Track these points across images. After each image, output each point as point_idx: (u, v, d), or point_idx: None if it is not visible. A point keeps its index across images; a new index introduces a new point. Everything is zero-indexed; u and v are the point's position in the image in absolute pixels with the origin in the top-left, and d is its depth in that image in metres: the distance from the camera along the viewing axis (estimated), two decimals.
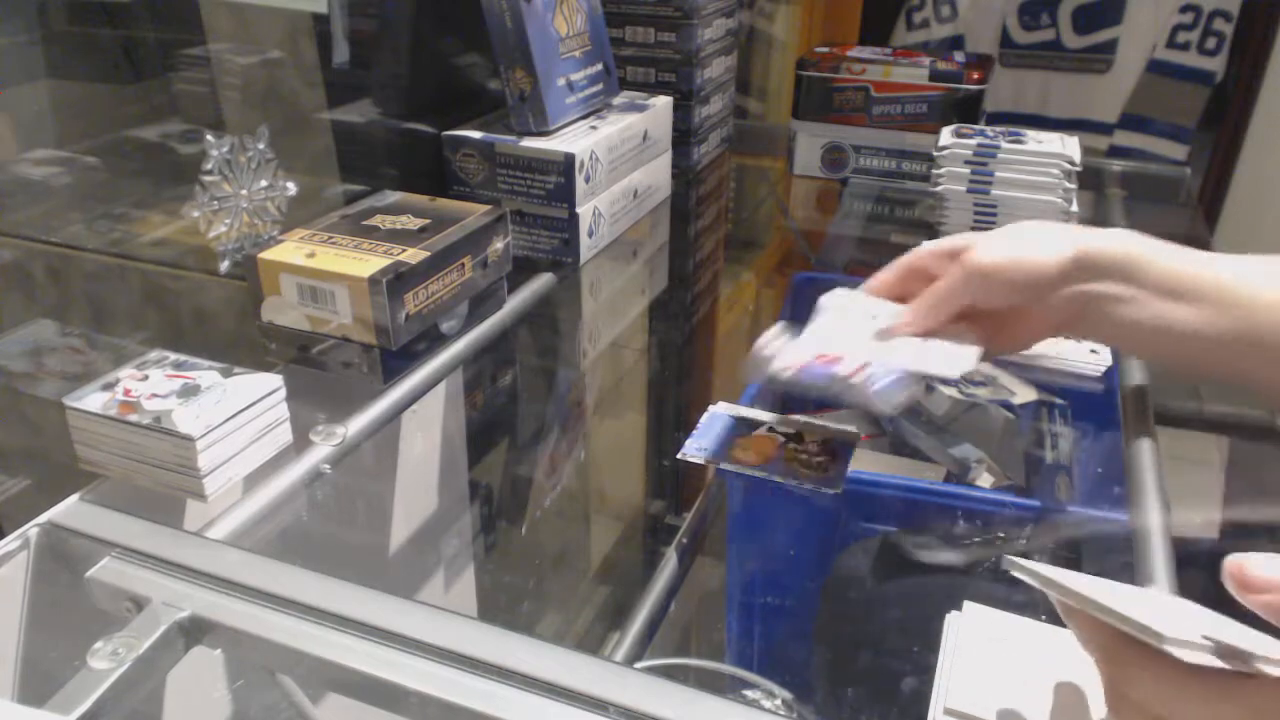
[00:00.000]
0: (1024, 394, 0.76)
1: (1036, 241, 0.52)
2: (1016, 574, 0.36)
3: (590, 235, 0.87)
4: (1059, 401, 0.77)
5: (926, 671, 0.39)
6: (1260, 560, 0.31)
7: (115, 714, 0.39)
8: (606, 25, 0.95)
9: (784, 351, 0.53)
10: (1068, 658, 0.39)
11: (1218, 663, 0.30)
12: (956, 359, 0.51)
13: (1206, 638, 0.30)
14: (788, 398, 0.89)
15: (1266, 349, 0.48)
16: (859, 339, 0.53)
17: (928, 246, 0.55)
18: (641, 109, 0.95)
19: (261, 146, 0.68)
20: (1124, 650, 0.33)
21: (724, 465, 0.56)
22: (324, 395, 0.64)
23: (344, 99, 0.80)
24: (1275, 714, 0.30)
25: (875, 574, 0.59)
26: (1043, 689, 0.38)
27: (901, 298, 0.55)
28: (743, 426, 0.59)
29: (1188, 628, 0.31)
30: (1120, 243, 0.51)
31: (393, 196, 0.74)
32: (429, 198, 0.74)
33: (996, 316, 0.54)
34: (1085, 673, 0.39)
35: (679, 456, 0.57)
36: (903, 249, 0.56)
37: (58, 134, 0.62)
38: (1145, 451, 0.58)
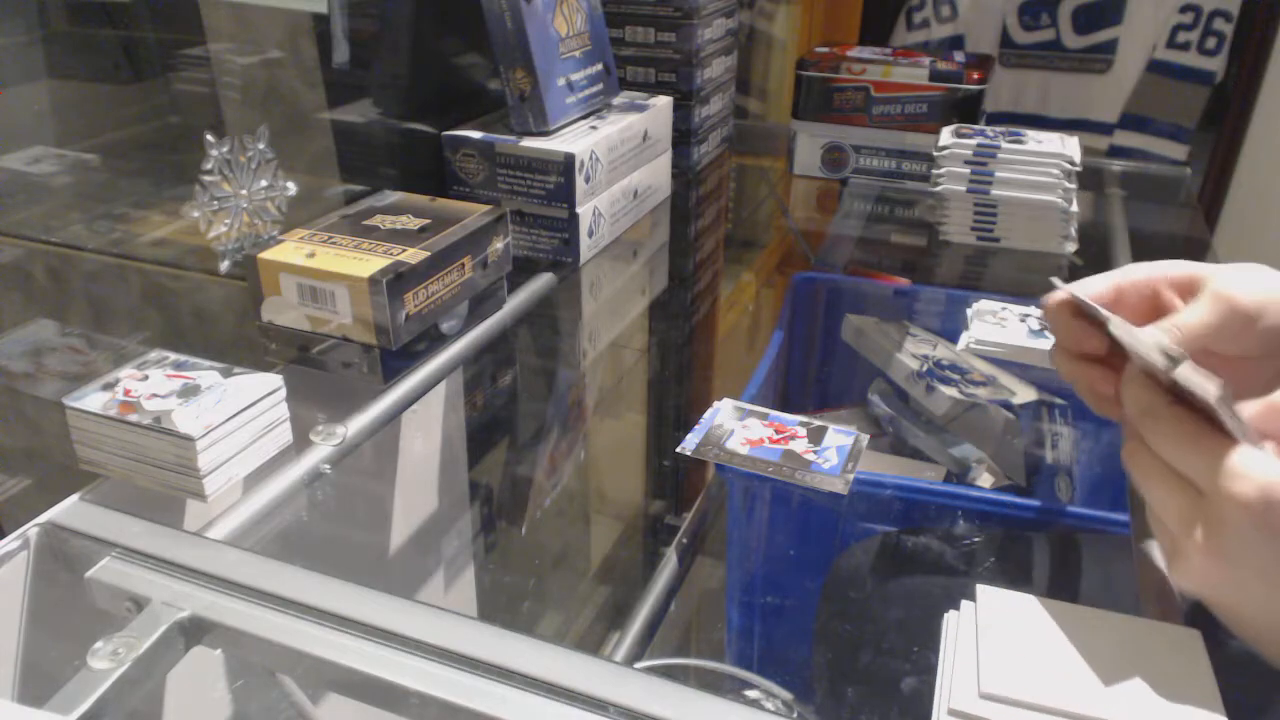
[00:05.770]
0: (1024, 394, 0.76)
1: None
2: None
3: (590, 235, 0.87)
4: (1059, 401, 0.77)
5: (927, 671, 0.39)
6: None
7: (115, 714, 0.39)
8: (606, 25, 0.95)
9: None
10: (1086, 638, 0.39)
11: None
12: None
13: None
14: (789, 395, 0.89)
15: None
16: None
17: (1160, 270, 0.47)
18: (641, 109, 0.95)
19: (261, 146, 0.68)
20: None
21: (723, 463, 0.57)
22: (324, 395, 0.64)
23: (344, 99, 0.80)
24: None
25: (875, 574, 0.59)
26: (1064, 673, 0.38)
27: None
28: (748, 419, 0.60)
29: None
30: None
31: (393, 196, 0.74)
32: (429, 198, 0.74)
33: (1212, 361, 0.46)
34: (1104, 655, 0.39)
35: (679, 450, 0.57)
36: (903, 249, 0.56)
37: (58, 134, 0.62)
38: None
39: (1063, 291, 0.47)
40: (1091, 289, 0.47)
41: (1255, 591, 0.37)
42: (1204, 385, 0.36)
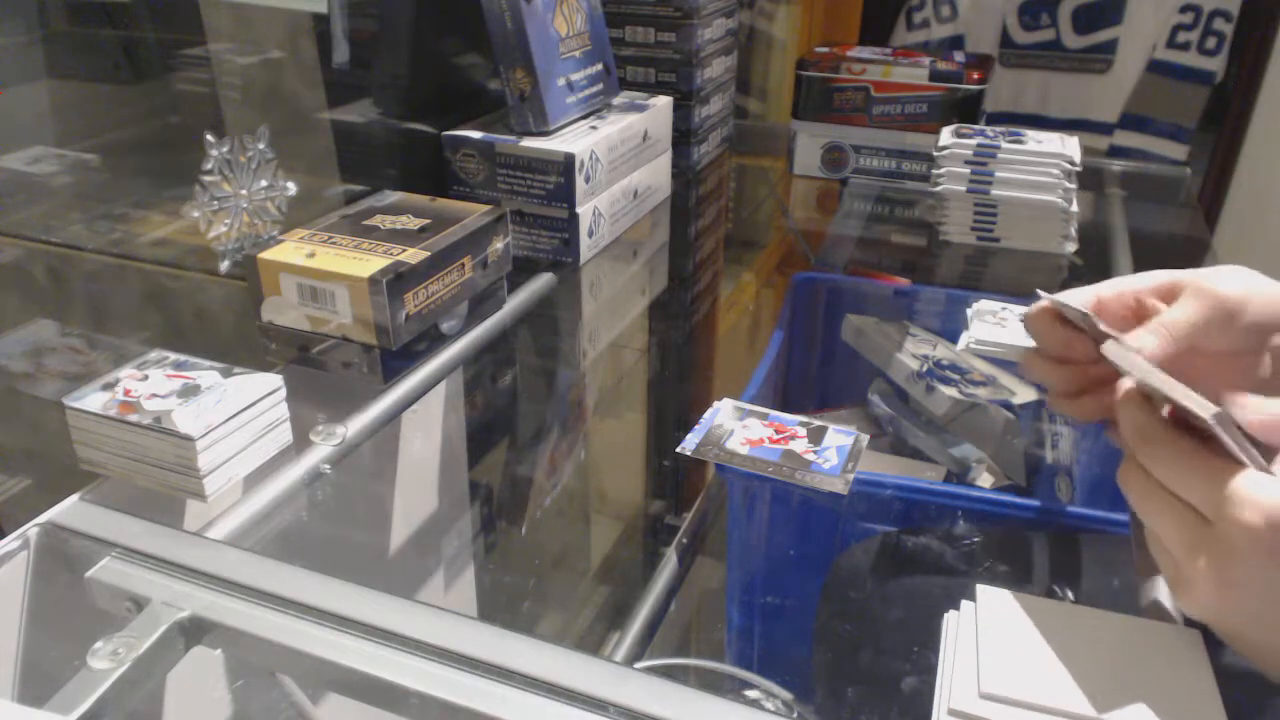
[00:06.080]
0: (1024, 394, 0.76)
1: (1266, 281, 0.46)
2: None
3: (590, 235, 0.87)
4: None
5: (927, 671, 0.39)
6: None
7: (115, 714, 0.39)
8: (606, 25, 0.95)
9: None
10: (1086, 638, 0.40)
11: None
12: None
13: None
14: (789, 395, 0.89)
15: None
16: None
17: (1141, 280, 0.48)
18: (641, 109, 0.95)
19: (261, 146, 0.68)
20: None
21: (723, 463, 0.57)
22: (324, 395, 0.64)
23: (344, 99, 0.80)
24: None
25: (875, 574, 0.59)
26: (1064, 673, 0.38)
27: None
28: (747, 420, 0.60)
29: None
30: None
31: (393, 196, 0.74)
32: (429, 198, 0.74)
33: (1202, 361, 0.46)
34: (1104, 655, 0.39)
35: (679, 450, 0.57)
36: (903, 249, 0.56)
37: (58, 134, 0.62)
38: None
39: (1046, 301, 0.47)
40: (1074, 301, 0.47)
41: (1263, 615, 0.36)
42: (1202, 404, 0.36)
